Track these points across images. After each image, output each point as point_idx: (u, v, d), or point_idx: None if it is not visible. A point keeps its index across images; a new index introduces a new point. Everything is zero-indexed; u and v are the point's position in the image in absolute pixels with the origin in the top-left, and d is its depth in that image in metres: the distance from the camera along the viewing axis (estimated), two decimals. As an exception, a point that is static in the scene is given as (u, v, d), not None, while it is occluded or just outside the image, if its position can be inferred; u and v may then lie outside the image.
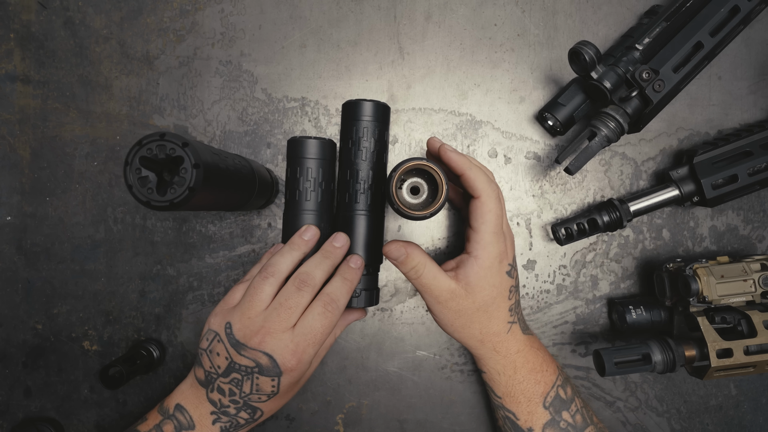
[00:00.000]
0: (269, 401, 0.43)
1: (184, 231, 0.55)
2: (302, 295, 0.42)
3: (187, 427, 0.43)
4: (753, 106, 0.56)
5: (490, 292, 0.44)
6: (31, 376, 0.56)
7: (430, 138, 0.45)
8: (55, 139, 0.55)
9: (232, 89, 0.55)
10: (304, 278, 0.42)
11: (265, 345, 0.41)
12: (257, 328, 0.41)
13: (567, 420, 0.47)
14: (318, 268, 0.43)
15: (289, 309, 0.41)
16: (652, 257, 0.56)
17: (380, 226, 0.49)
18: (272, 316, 0.41)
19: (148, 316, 0.56)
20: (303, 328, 0.42)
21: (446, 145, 0.42)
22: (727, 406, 0.57)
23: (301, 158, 0.47)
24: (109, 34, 0.55)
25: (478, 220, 0.42)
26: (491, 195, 0.42)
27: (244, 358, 0.41)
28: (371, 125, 0.46)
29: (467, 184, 0.42)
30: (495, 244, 0.43)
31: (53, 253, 0.55)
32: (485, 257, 0.43)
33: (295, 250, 0.44)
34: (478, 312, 0.44)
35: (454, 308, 0.44)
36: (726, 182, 0.51)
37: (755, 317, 0.47)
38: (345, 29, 0.56)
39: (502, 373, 0.47)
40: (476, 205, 0.42)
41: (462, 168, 0.41)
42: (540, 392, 0.47)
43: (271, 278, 0.43)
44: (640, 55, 0.48)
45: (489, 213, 0.42)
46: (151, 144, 0.36)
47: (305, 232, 0.45)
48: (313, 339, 0.42)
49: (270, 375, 0.41)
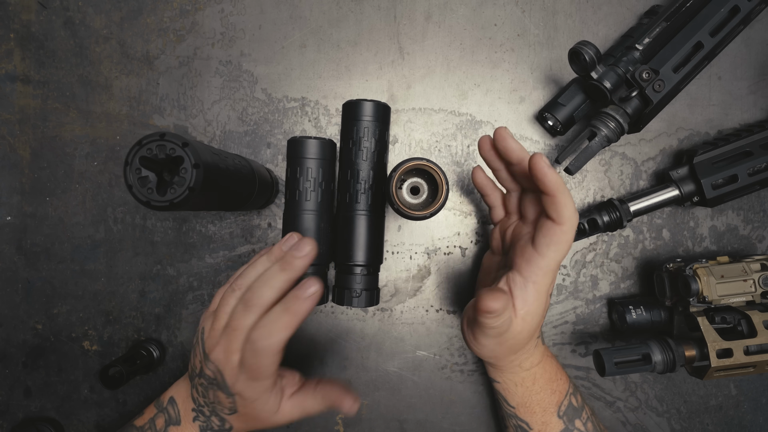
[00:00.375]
0: (233, 417, 0.42)
1: (184, 231, 0.55)
2: (247, 316, 0.38)
3: (175, 422, 0.43)
4: (753, 106, 0.56)
5: (540, 318, 0.41)
6: (31, 376, 0.56)
7: (501, 129, 0.40)
8: (55, 139, 0.55)
9: (232, 89, 0.55)
10: (250, 297, 0.39)
11: (218, 362, 0.39)
12: (214, 344, 0.40)
13: (580, 428, 0.46)
14: (266, 285, 0.39)
15: (235, 330, 0.38)
16: (652, 257, 0.56)
17: (380, 226, 0.49)
18: (224, 336, 0.39)
19: (148, 316, 0.56)
20: (244, 360, 0.38)
21: (542, 155, 0.37)
22: (727, 406, 0.57)
23: (301, 158, 0.47)
24: (109, 34, 0.55)
25: (551, 247, 0.38)
26: (573, 227, 0.38)
27: (207, 369, 0.40)
28: (371, 125, 0.46)
29: (554, 206, 0.37)
30: (555, 272, 0.40)
31: (53, 253, 0.55)
32: (544, 283, 0.40)
33: (270, 263, 0.41)
34: (525, 339, 0.42)
35: (508, 338, 0.41)
36: (726, 182, 0.51)
37: (755, 317, 0.47)
38: (345, 29, 0.56)
39: (520, 384, 0.46)
40: (554, 230, 0.38)
41: (556, 190, 0.37)
42: (555, 402, 0.46)
43: (237, 291, 0.40)
44: (640, 55, 0.48)
45: (565, 243, 0.38)
46: (151, 144, 0.36)
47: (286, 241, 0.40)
48: (250, 374, 0.39)
49: (225, 392, 0.40)
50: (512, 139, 0.40)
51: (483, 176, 0.48)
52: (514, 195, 0.46)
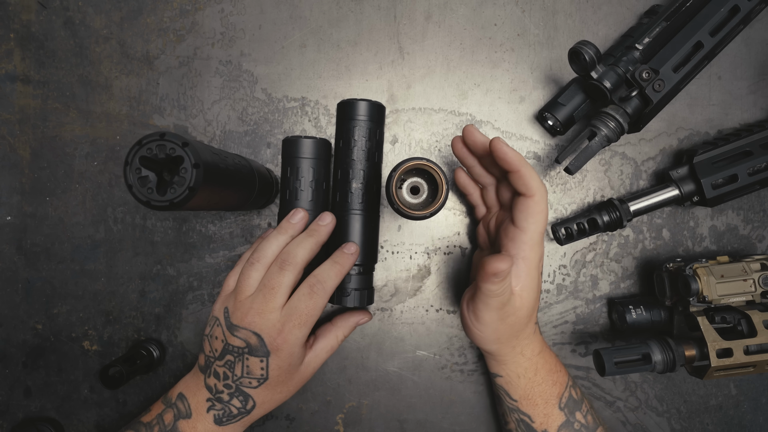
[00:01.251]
0: (260, 389, 0.44)
1: (184, 231, 0.55)
2: (284, 274, 0.43)
3: (185, 415, 0.44)
4: (753, 106, 0.56)
5: (537, 295, 0.43)
6: (31, 376, 0.56)
7: (468, 126, 0.43)
8: (55, 139, 0.55)
9: (232, 89, 0.55)
10: (285, 257, 0.43)
11: (253, 324, 0.42)
12: (247, 310, 0.43)
13: (580, 421, 0.47)
14: (300, 246, 0.44)
15: (273, 289, 0.43)
16: (652, 257, 0.56)
17: (375, 225, 0.49)
18: (258, 298, 0.43)
19: (148, 316, 0.56)
20: (289, 309, 0.43)
21: (501, 138, 0.40)
22: (727, 406, 0.57)
23: (294, 158, 0.47)
24: (109, 34, 0.55)
25: (529, 220, 0.41)
26: (544, 195, 0.41)
27: (236, 339, 0.43)
28: (365, 124, 0.46)
29: (521, 181, 0.40)
30: (540, 244, 0.42)
31: (53, 253, 0.55)
32: (533, 257, 0.42)
33: (281, 234, 0.45)
34: (525, 316, 0.43)
35: (509, 312, 0.42)
36: (726, 182, 0.51)
37: (755, 317, 0.47)
38: (345, 29, 0.56)
39: (522, 375, 0.46)
40: (527, 204, 0.41)
41: (517, 165, 0.40)
42: (556, 393, 0.47)
43: (257, 264, 0.44)
44: (640, 55, 0.48)
45: (540, 213, 0.41)
46: (151, 144, 0.36)
47: (293, 215, 0.46)
48: (299, 319, 0.43)
49: (258, 355, 0.42)
50: (479, 133, 0.43)
51: (464, 176, 0.51)
52: (491, 189, 0.48)
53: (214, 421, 0.44)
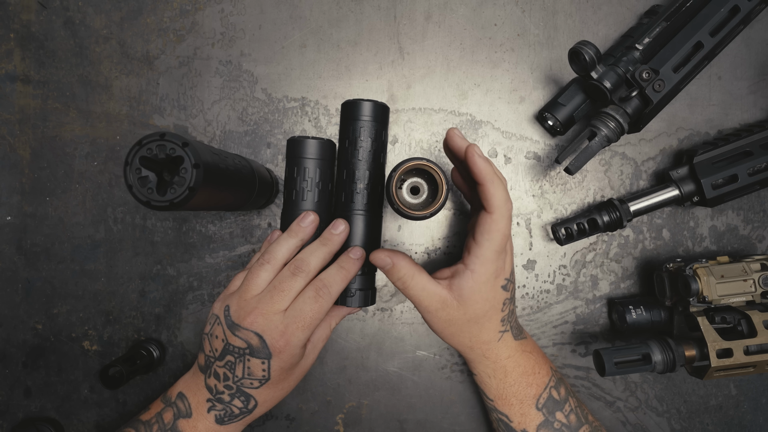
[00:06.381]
0: (262, 389, 0.43)
1: (184, 231, 0.55)
2: (296, 279, 0.43)
3: (185, 414, 0.44)
4: (753, 106, 0.56)
5: (482, 306, 0.43)
6: (31, 376, 0.56)
7: (451, 129, 0.42)
8: (55, 139, 0.55)
9: (232, 89, 0.55)
10: (299, 264, 0.43)
11: (256, 325, 0.42)
12: (251, 309, 0.42)
13: (561, 420, 0.47)
14: (314, 255, 0.44)
15: (282, 292, 0.42)
16: (652, 257, 0.56)
17: (377, 225, 0.49)
18: (265, 299, 0.42)
19: (148, 316, 0.56)
20: (293, 311, 0.42)
21: (475, 146, 0.40)
22: (727, 406, 0.57)
23: (300, 158, 0.47)
24: (109, 34, 0.55)
25: (484, 236, 0.41)
26: (504, 215, 0.40)
27: (237, 339, 0.42)
28: (370, 125, 0.46)
29: (484, 195, 0.40)
30: (494, 261, 0.42)
31: (53, 253, 0.55)
32: (482, 272, 0.42)
33: (292, 237, 0.45)
34: (468, 323, 0.44)
35: (444, 318, 0.44)
36: (726, 182, 0.51)
37: (755, 317, 0.47)
38: (345, 29, 0.56)
39: (492, 376, 0.47)
40: (486, 219, 0.40)
41: (484, 179, 0.39)
42: (532, 394, 0.47)
43: (267, 265, 0.44)
44: (640, 55, 0.48)
45: (497, 232, 0.40)
46: (151, 144, 0.36)
47: (303, 218, 0.45)
48: (303, 322, 0.42)
49: (260, 357, 0.42)
50: (459, 138, 0.42)
51: (459, 176, 0.51)
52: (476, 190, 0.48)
53: (216, 421, 0.44)
